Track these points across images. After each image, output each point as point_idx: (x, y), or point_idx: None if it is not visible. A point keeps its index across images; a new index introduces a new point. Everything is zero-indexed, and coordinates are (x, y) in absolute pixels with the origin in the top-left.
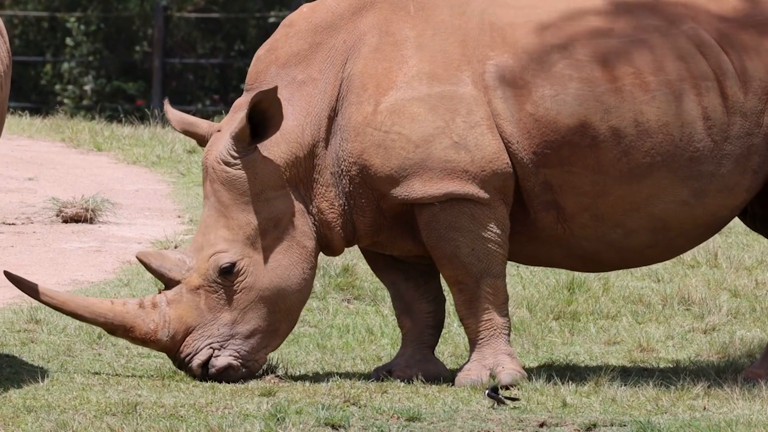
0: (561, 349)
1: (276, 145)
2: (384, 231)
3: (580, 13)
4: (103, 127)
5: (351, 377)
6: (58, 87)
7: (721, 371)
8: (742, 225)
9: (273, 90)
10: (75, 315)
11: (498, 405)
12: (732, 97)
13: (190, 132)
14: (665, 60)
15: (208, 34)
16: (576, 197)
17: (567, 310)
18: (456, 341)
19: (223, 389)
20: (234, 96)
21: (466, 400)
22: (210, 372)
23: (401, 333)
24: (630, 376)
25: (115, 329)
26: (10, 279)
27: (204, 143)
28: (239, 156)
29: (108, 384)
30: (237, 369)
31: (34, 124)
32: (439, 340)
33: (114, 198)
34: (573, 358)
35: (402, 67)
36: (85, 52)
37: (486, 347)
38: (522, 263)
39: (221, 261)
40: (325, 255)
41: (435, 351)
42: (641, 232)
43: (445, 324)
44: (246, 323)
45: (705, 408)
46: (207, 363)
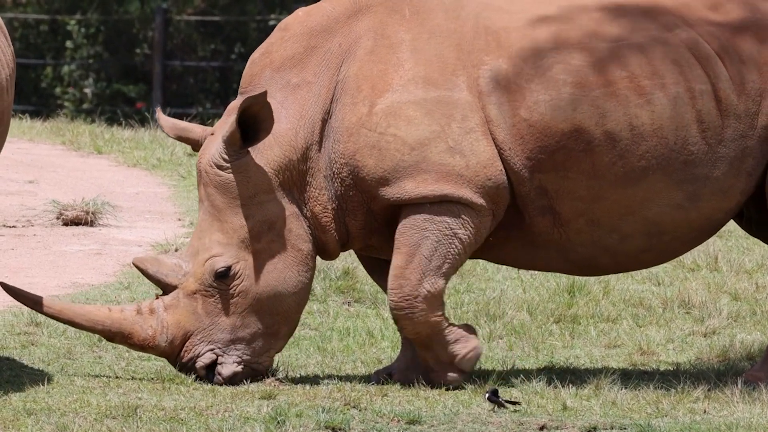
0: (561, 352)
1: (269, 149)
2: (375, 234)
3: (574, 17)
4: (104, 130)
5: (351, 380)
6: (58, 90)
7: (722, 374)
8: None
9: (263, 94)
10: (72, 323)
11: (498, 408)
12: (726, 100)
13: (183, 137)
14: (659, 64)
15: (208, 36)
16: (571, 202)
17: (567, 313)
18: None
19: (224, 392)
20: (235, 99)
21: (466, 403)
22: (215, 380)
23: (401, 336)
24: (630, 379)
25: (114, 336)
26: (6, 290)
27: (198, 148)
28: (231, 160)
29: (108, 387)
30: (243, 375)
31: (34, 126)
32: None
33: (114, 201)
34: (573, 361)
35: (398, 70)
36: (86, 54)
37: (434, 345)
38: (518, 268)
39: (217, 265)
40: (322, 259)
41: None
42: (636, 236)
43: None
44: (245, 327)
45: (705, 411)
46: (211, 365)
